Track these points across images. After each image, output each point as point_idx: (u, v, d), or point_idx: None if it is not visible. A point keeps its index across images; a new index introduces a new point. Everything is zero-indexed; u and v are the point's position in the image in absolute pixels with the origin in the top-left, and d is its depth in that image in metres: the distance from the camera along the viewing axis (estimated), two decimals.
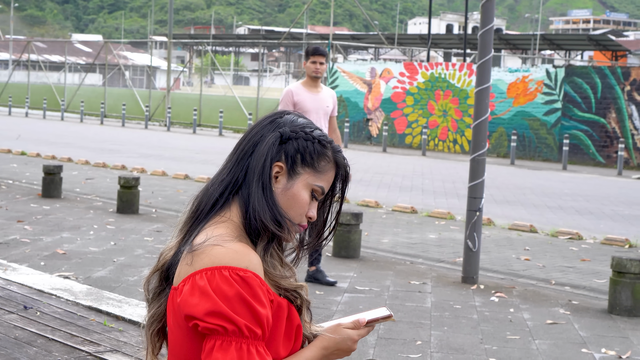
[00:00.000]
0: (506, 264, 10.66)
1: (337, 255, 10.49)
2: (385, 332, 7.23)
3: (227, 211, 2.28)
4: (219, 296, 2.10)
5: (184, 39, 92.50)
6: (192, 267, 2.16)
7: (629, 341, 7.33)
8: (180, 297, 2.14)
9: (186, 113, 46.15)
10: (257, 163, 2.28)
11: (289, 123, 2.34)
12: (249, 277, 2.13)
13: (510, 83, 31.48)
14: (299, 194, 2.30)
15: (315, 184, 2.31)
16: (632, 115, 28.63)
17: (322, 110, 8.99)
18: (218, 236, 2.19)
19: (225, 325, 2.09)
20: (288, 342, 2.24)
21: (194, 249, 2.18)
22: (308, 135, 2.32)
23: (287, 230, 2.28)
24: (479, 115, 9.44)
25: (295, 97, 8.90)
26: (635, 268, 8.22)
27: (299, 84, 9.09)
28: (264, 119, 2.37)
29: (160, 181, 17.75)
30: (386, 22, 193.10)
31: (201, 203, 2.31)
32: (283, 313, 2.22)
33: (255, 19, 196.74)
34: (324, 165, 2.33)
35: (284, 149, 2.30)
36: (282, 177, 2.30)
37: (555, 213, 16.02)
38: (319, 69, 8.96)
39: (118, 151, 25.70)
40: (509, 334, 7.35)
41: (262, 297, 2.13)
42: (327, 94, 9.13)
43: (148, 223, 12.32)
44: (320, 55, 8.98)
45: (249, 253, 2.19)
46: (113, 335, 6.49)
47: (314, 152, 2.32)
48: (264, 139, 2.31)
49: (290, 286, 2.28)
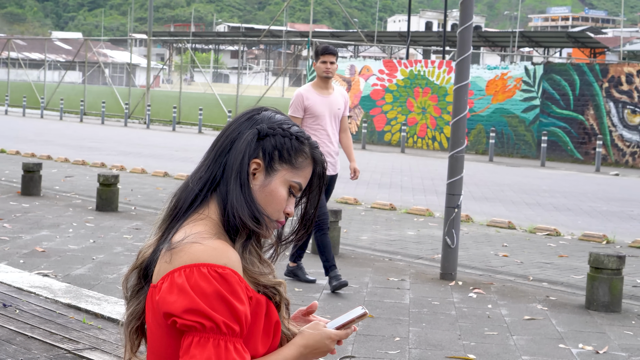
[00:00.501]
0: (484, 260, 10.71)
1: (316, 252, 10.49)
2: (363, 329, 7.25)
3: (205, 208, 2.28)
4: (197, 293, 2.10)
5: (163, 36, 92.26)
6: (171, 264, 2.16)
7: (606, 336, 7.38)
8: (159, 294, 2.15)
9: (166, 111, 46.03)
10: (235, 160, 2.28)
11: (267, 120, 2.34)
12: (228, 274, 2.14)
13: (489, 80, 31.58)
14: (276, 190, 2.30)
15: (292, 180, 2.32)
16: (610, 112, 28.77)
17: (334, 113, 8.76)
18: (197, 234, 2.20)
19: (202, 322, 2.09)
20: (266, 339, 2.25)
21: (172, 246, 2.19)
22: (286, 131, 2.32)
23: (265, 227, 2.29)
24: (458, 112, 9.48)
25: (305, 101, 8.66)
26: (612, 264, 8.28)
27: (309, 87, 8.81)
28: (241, 115, 2.37)
29: (140, 179, 17.72)
30: (366, 20, 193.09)
31: (179, 201, 2.31)
32: (261, 310, 2.22)
33: (235, 17, 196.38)
34: (302, 162, 2.33)
35: (261, 145, 2.30)
36: (260, 174, 2.30)
37: (534, 209, 16.10)
38: (330, 68, 8.69)
39: (97, 149, 25.63)
40: (487, 330, 7.39)
41: (240, 294, 2.14)
42: (339, 95, 8.87)
43: (127, 221, 12.30)
44: (331, 54, 8.70)
45: (228, 250, 2.19)
46: (92, 333, 6.48)
47: (291, 149, 2.32)
48: (241, 135, 2.31)
49: (269, 283, 2.29)
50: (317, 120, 8.68)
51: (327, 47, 8.75)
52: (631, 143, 28.37)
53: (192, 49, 71.37)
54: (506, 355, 6.70)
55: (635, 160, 28.23)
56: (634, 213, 16.14)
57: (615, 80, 28.62)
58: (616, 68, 29.03)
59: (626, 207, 17.04)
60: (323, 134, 8.68)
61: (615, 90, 28.62)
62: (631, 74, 28.29)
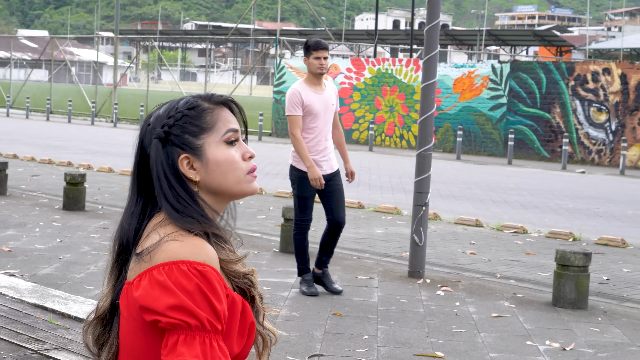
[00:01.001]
0: (452, 258, 10.75)
1: (285, 250, 10.50)
2: (332, 327, 7.26)
3: (158, 218, 2.26)
4: (180, 290, 2.08)
5: (130, 34, 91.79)
6: (150, 262, 2.15)
7: (573, 333, 7.43)
8: (139, 291, 2.12)
9: (133, 109, 45.85)
10: (160, 176, 2.24)
11: (157, 121, 2.30)
12: (207, 271, 2.12)
13: (456, 78, 31.69)
14: (216, 158, 2.26)
15: (220, 136, 2.27)
16: (576, 110, 28.96)
17: (329, 109, 8.46)
18: (172, 233, 2.19)
19: (188, 320, 2.08)
20: (241, 339, 2.23)
21: (150, 249, 2.16)
22: (176, 115, 2.27)
23: (218, 231, 2.26)
24: (425, 111, 9.51)
25: (304, 99, 8.31)
26: (578, 261, 8.34)
27: (302, 84, 8.45)
28: (137, 138, 2.33)
29: (107, 177, 17.65)
30: (333, 18, 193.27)
31: (122, 240, 2.29)
32: (237, 309, 2.21)
33: (203, 15, 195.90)
34: (211, 117, 2.28)
35: (172, 143, 2.26)
36: (196, 162, 2.25)
37: (501, 207, 16.18)
38: (324, 64, 8.34)
39: (64, 147, 25.49)
40: (455, 328, 7.42)
41: (219, 291, 2.13)
42: (331, 90, 8.57)
43: (94, 220, 12.24)
44: (324, 49, 8.35)
45: (206, 247, 2.17)
46: (59, 333, 6.45)
47: (193, 120, 2.27)
48: (151, 152, 2.27)
49: (241, 271, 2.26)
50: (314, 118, 8.38)
51: (320, 41, 8.39)
52: (597, 141, 28.57)
53: (159, 47, 71.13)
54: (474, 353, 6.73)
55: (601, 158, 28.44)
56: (600, 210, 16.26)
57: (581, 79, 28.81)
58: (582, 66, 29.23)
59: (592, 204, 17.16)
60: (319, 133, 8.40)
61: (582, 88, 28.81)
62: (597, 72, 28.49)
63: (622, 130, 27.94)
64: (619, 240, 12.14)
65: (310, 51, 8.34)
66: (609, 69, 28.32)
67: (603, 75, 28.35)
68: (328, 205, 8.41)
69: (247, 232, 11.71)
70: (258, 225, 12.49)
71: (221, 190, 2.28)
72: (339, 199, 8.44)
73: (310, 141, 8.35)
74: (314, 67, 8.34)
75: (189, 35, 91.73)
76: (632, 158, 27.59)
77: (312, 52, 8.33)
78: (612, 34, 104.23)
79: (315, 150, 8.35)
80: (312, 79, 8.43)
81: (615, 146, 28.10)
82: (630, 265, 10.72)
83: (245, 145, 2.32)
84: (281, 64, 36.98)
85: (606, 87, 28.28)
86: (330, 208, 8.40)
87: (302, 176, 8.33)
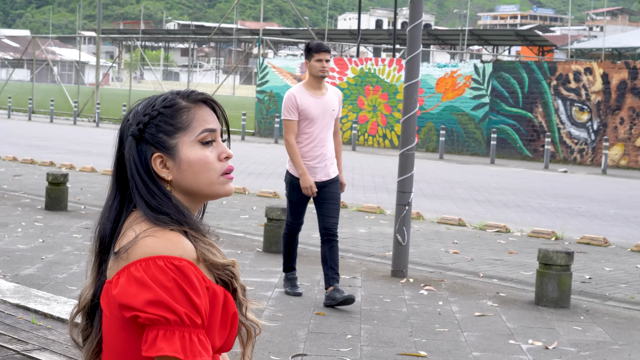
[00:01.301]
0: (435, 257, 10.77)
1: (268, 250, 10.50)
2: (315, 327, 7.26)
3: (133, 215, 2.26)
4: (158, 286, 2.08)
5: (113, 34, 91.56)
6: (127, 260, 2.14)
7: (556, 332, 7.46)
8: (117, 288, 2.12)
9: (115, 109, 45.74)
10: (134, 174, 2.24)
11: (134, 118, 2.28)
12: (184, 265, 2.12)
13: (439, 78, 31.74)
14: (189, 158, 2.24)
15: (195, 136, 2.25)
16: (558, 109, 29.05)
17: (329, 115, 8.15)
18: (148, 229, 2.18)
19: (166, 315, 2.07)
20: (223, 331, 2.23)
21: (127, 247, 2.16)
22: (152, 113, 2.25)
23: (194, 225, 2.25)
24: (408, 110, 9.52)
25: (299, 103, 8.06)
26: (561, 260, 8.36)
27: (300, 87, 8.18)
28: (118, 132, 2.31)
29: (90, 177, 17.60)
30: (316, 18, 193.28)
31: (102, 237, 2.29)
32: (219, 301, 2.20)
33: (185, 14, 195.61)
34: (187, 117, 2.26)
35: (146, 142, 2.25)
36: (169, 161, 2.24)
37: (483, 206, 16.21)
38: (326, 67, 8.06)
39: (46, 147, 25.40)
40: (438, 327, 7.43)
41: (197, 286, 2.12)
42: (333, 95, 8.25)
43: (77, 220, 12.20)
44: (326, 51, 8.08)
45: (182, 241, 2.17)
46: (41, 333, 6.43)
47: (168, 119, 2.25)
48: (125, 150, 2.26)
49: (221, 262, 2.25)
50: (310, 123, 8.10)
51: (322, 44, 8.13)
52: (579, 140, 28.67)
53: (141, 47, 70.99)
54: (457, 352, 6.74)
55: (583, 157, 28.54)
56: (582, 209, 16.31)
57: (563, 78, 28.90)
58: (564, 66, 29.32)
59: (574, 203, 17.22)
60: (315, 138, 8.14)
61: (564, 88, 28.90)
62: (579, 72, 28.59)
63: (604, 130, 28.04)
64: (601, 239, 12.18)
65: (312, 53, 8.08)
66: (591, 69, 28.42)
67: (585, 75, 28.45)
68: (319, 213, 8.19)
69: (230, 232, 11.70)
70: (241, 225, 12.48)
71: (193, 190, 2.27)
72: (331, 208, 8.16)
73: (304, 146, 8.14)
74: (316, 70, 8.06)
75: (172, 34, 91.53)
76: (614, 157, 27.70)
77: (314, 54, 8.06)
78: (593, 34, 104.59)
79: (310, 156, 8.14)
80: (313, 82, 8.15)
81: (597, 145, 28.21)
82: (612, 264, 10.76)
83: (222, 145, 2.29)
84: (264, 63, 36.96)
85: (588, 86, 28.38)
86: (321, 215, 8.16)
87: (294, 181, 8.16)
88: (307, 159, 8.12)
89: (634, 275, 10.10)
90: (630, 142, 27.56)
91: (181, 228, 2.20)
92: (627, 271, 10.36)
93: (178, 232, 2.19)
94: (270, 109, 36.12)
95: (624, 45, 57.07)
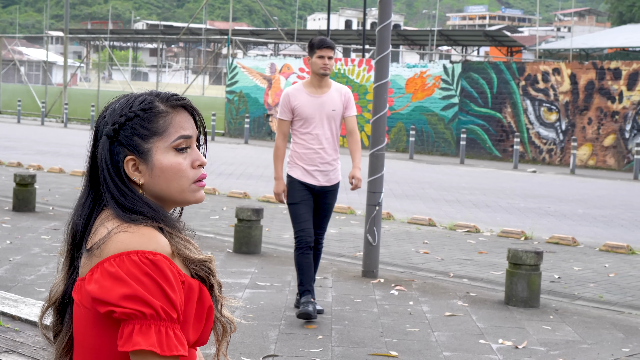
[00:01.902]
0: (405, 257, 10.78)
1: (238, 251, 10.47)
2: (286, 327, 7.25)
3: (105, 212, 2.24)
4: (133, 280, 2.07)
5: (80, 34, 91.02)
6: (100, 256, 2.13)
7: (525, 331, 7.48)
8: (91, 284, 2.10)
9: (84, 109, 45.49)
10: (105, 174, 2.21)
11: (110, 117, 2.25)
12: (159, 260, 2.11)
13: (409, 78, 31.81)
14: (162, 164, 2.22)
15: (170, 142, 2.23)
16: (527, 109, 29.20)
17: (326, 115, 7.73)
18: (120, 225, 2.17)
19: (142, 309, 2.06)
20: (199, 324, 2.22)
21: (99, 243, 2.15)
22: (129, 114, 2.22)
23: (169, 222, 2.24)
24: (378, 111, 9.53)
25: (293, 102, 7.70)
26: (530, 260, 8.40)
27: (299, 86, 7.82)
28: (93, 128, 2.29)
29: (58, 178, 17.49)
30: (285, 18, 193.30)
31: (75, 233, 2.27)
32: (194, 294, 2.19)
33: (154, 14, 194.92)
34: (164, 122, 2.23)
35: (119, 143, 2.22)
36: (142, 165, 2.22)
37: (453, 206, 16.25)
38: (328, 64, 7.68)
39: (14, 148, 25.22)
40: (409, 327, 7.44)
41: (172, 280, 2.11)
42: (335, 94, 7.80)
43: (45, 221, 12.12)
44: (329, 48, 7.68)
45: (156, 235, 2.16)
46: (9, 336, 6.38)
47: (144, 122, 2.22)
48: (99, 149, 2.23)
49: (198, 258, 2.24)
50: (305, 123, 7.72)
51: (324, 39, 7.72)
52: (548, 140, 28.82)
53: (110, 47, 70.65)
54: (428, 352, 6.75)
55: (551, 157, 28.69)
56: (551, 209, 16.39)
57: (531, 79, 29.05)
58: (532, 66, 29.47)
59: (543, 203, 17.30)
60: (312, 140, 7.77)
61: (532, 88, 29.05)
62: (547, 72, 28.74)
63: (572, 130, 28.21)
64: (569, 238, 12.25)
65: (314, 50, 7.70)
66: (559, 69, 28.58)
67: (553, 75, 28.61)
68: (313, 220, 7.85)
69: (200, 233, 11.66)
70: (211, 226, 12.44)
71: (164, 196, 2.26)
72: (321, 217, 7.89)
73: (302, 147, 7.76)
74: (317, 67, 7.67)
75: (140, 34, 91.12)
76: (582, 157, 27.87)
77: (316, 50, 7.68)
78: (561, 35, 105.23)
79: (308, 159, 7.75)
80: (313, 80, 7.77)
81: (565, 145, 28.37)
82: (581, 263, 10.82)
83: (197, 152, 2.28)
84: (233, 63, 36.89)
85: (556, 87, 28.54)
86: (315, 222, 7.86)
87: (291, 181, 7.78)
88: (305, 161, 7.76)
89: (602, 275, 10.16)
90: (598, 142, 27.74)
91: (156, 224, 2.19)
92: (596, 270, 10.42)
93: (152, 227, 2.18)
94: (240, 109, 36.05)
95: (592, 46, 57.46)
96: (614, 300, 8.92)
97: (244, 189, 16.49)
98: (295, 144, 7.83)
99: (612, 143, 27.51)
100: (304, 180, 7.76)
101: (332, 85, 7.85)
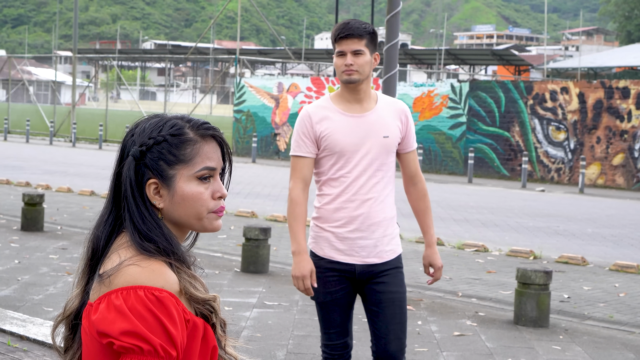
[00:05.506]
0: (414, 276, 10.74)
1: (246, 270, 10.45)
2: (294, 347, 7.22)
3: (123, 238, 2.23)
4: (135, 316, 2.08)
5: (89, 53, 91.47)
6: (109, 287, 2.13)
7: (535, 351, 7.44)
8: (97, 314, 2.11)
9: (92, 129, 45.59)
10: (128, 195, 2.21)
11: (139, 136, 2.24)
12: (165, 297, 2.11)
13: (416, 97, 31.82)
14: (184, 192, 2.22)
15: (194, 171, 2.23)
16: (535, 128, 29.17)
17: (376, 144, 4.79)
18: (132, 257, 2.17)
19: (140, 345, 2.07)
20: None
21: (110, 273, 2.15)
22: (157, 138, 2.22)
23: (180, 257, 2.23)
24: None
25: (317, 126, 4.79)
26: (539, 279, 8.36)
27: (326, 101, 4.89)
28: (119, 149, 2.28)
29: (66, 198, 17.50)
30: (293, 37, 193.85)
31: (95, 248, 2.27)
32: (198, 333, 2.20)
33: (162, 34, 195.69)
34: (191, 150, 2.23)
35: (145, 165, 2.22)
36: (163, 190, 2.23)
37: (461, 225, 16.21)
38: (355, 64, 4.71)
39: (22, 168, 25.26)
40: (417, 347, 7.40)
41: (176, 318, 2.12)
42: (387, 111, 4.83)
43: (53, 240, 12.12)
44: (349, 37, 4.69)
45: (165, 272, 2.16)
46: (17, 356, 6.36)
47: (172, 148, 2.22)
48: (124, 168, 2.23)
49: (203, 297, 2.24)
50: (340, 160, 4.81)
51: (345, 24, 4.73)
52: (556, 159, 28.79)
53: (118, 67, 70.88)
54: None
55: (560, 177, 28.65)
56: (560, 228, 16.35)
57: (539, 98, 29.03)
58: (540, 85, 29.46)
59: (552, 222, 17.26)
60: (346, 187, 4.84)
61: (540, 107, 29.03)
62: (555, 91, 28.73)
63: (581, 149, 28.18)
64: (579, 258, 12.20)
65: (333, 45, 4.81)
66: (567, 88, 28.57)
67: (561, 94, 28.60)
68: (372, 327, 4.93)
69: (208, 252, 11.64)
70: (219, 245, 12.42)
71: (182, 223, 2.27)
72: (391, 318, 4.88)
73: (329, 202, 4.86)
74: (339, 70, 4.77)
75: (148, 54, 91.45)
76: (591, 176, 27.82)
77: (335, 44, 4.78)
78: (569, 53, 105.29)
79: (341, 219, 4.83)
80: (344, 92, 4.83)
81: (574, 164, 28.33)
82: (591, 283, 10.77)
83: (219, 183, 2.29)
84: (241, 83, 36.96)
85: (564, 105, 28.52)
86: (375, 330, 4.89)
87: (315, 262, 4.88)
88: (334, 223, 4.84)
89: (612, 294, 10.11)
90: (607, 161, 27.70)
91: (167, 259, 2.18)
92: (606, 290, 10.37)
93: (163, 262, 2.17)
94: (248, 129, 36.08)
95: (600, 65, 57.47)
96: (625, 320, 8.87)
97: (251, 208, 16.48)
98: (322, 196, 4.93)
99: (621, 162, 27.46)
100: (338, 259, 4.86)
101: (380, 99, 4.90)
